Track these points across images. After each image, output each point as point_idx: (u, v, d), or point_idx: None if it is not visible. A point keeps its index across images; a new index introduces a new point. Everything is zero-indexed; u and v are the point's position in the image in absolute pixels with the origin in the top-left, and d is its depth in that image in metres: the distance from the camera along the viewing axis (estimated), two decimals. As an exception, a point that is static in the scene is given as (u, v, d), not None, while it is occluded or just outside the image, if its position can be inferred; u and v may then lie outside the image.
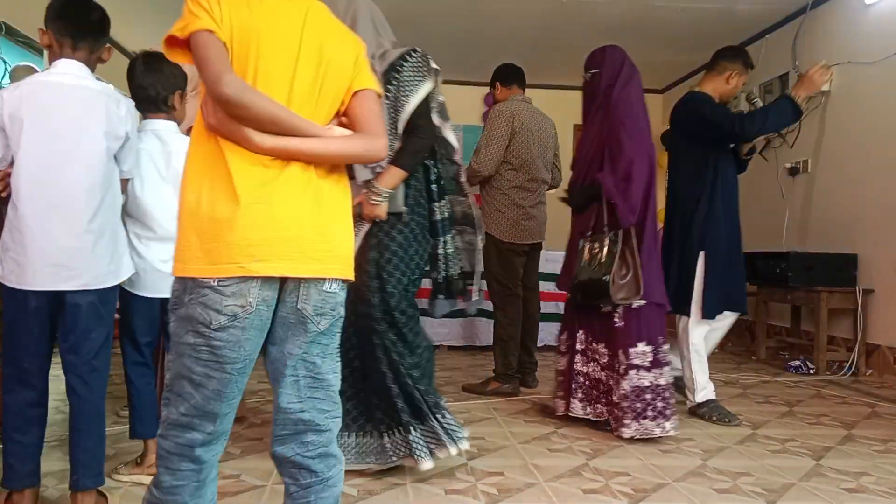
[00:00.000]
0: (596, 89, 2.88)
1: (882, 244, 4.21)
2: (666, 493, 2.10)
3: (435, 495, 2.04)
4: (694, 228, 3.05)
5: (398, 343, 2.17)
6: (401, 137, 2.11)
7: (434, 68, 2.16)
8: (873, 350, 4.30)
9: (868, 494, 2.15)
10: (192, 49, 1.13)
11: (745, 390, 3.74)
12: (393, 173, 2.09)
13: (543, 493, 2.08)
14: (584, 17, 5.42)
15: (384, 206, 2.10)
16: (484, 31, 5.73)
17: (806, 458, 2.51)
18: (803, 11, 5.03)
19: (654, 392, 2.64)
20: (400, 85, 2.09)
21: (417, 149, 2.12)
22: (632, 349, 2.65)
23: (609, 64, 2.85)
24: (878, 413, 3.27)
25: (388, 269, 2.15)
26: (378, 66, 2.07)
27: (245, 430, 2.67)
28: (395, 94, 2.09)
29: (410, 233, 2.19)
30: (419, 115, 2.12)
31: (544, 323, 4.92)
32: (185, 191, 1.16)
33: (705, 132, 3.06)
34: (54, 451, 2.31)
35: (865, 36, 4.48)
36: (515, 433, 2.74)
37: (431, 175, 2.27)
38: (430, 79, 2.14)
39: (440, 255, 2.31)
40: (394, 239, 2.16)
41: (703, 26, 5.57)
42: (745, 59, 3.19)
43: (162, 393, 1.22)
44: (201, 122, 1.18)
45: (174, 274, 1.17)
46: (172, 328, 1.18)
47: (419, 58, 2.13)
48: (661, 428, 2.63)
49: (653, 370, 2.65)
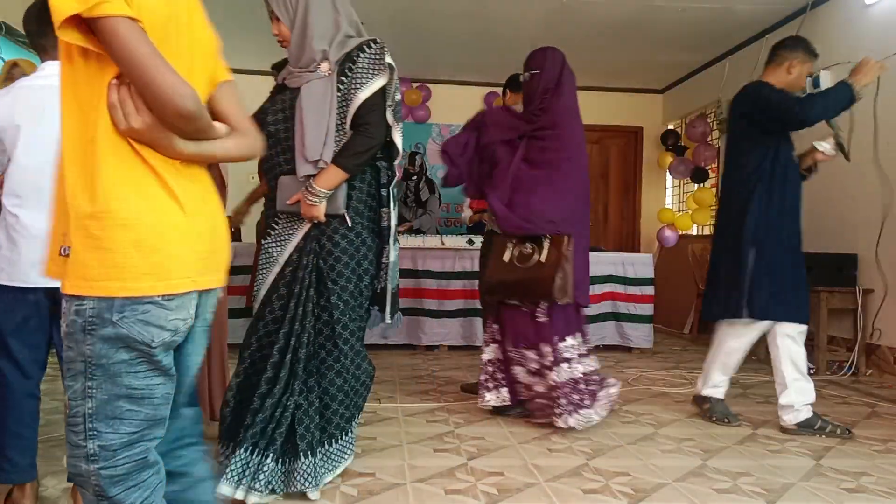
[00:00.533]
0: (533, 92, 2.87)
1: (882, 244, 4.21)
2: (666, 493, 2.10)
3: (435, 495, 2.04)
4: (747, 224, 2.83)
5: (328, 359, 2.00)
6: (348, 133, 1.98)
7: (390, 64, 2.00)
8: (873, 350, 4.30)
9: (868, 494, 2.15)
10: (109, 38, 0.95)
11: (745, 390, 3.74)
12: (332, 174, 1.94)
13: (543, 493, 2.08)
14: (584, 17, 5.42)
15: (321, 207, 1.96)
16: (484, 31, 5.73)
17: (806, 458, 2.51)
18: (803, 11, 5.03)
19: (587, 382, 2.80)
20: (353, 77, 1.96)
21: (360, 149, 1.96)
22: (561, 343, 2.77)
23: (549, 67, 2.85)
24: (878, 413, 3.27)
25: (331, 277, 1.99)
26: (333, 54, 1.97)
27: (245, 430, 2.67)
28: (348, 85, 1.96)
29: (357, 237, 2.04)
30: (369, 111, 1.97)
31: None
32: (108, 199, 1.00)
33: (768, 119, 2.85)
34: (54, 451, 2.31)
35: (865, 36, 4.47)
36: (515, 433, 2.74)
37: (383, 178, 2.10)
38: (384, 74, 1.98)
39: (383, 265, 2.12)
40: (337, 245, 2.01)
41: (703, 26, 5.57)
42: (807, 47, 2.99)
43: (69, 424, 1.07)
44: (91, 120, 1.02)
45: (99, 293, 1.01)
46: (90, 351, 1.03)
47: (376, 50, 1.98)
48: (598, 414, 2.79)
49: (582, 361, 2.82)
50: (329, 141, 1.94)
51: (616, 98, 7.60)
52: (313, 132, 1.93)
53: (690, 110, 7.06)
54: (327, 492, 2.03)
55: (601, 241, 7.54)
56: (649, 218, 7.59)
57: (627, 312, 5.03)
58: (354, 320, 2.06)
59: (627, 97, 7.62)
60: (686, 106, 7.15)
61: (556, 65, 2.86)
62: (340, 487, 2.07)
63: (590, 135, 7.63)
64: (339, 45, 1.99)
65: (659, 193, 7.77)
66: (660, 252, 6.89)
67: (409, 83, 7.12)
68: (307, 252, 2.03)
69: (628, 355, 4.90)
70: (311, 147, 1.91)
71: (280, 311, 2.03)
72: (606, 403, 2.84)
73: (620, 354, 4.92)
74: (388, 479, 2.15)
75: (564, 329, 2.79)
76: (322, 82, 1.96)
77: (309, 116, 1.94)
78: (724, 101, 6.11)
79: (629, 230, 7.78)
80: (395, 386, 3.59)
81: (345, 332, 2.02)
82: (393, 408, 3.09)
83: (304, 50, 1.97)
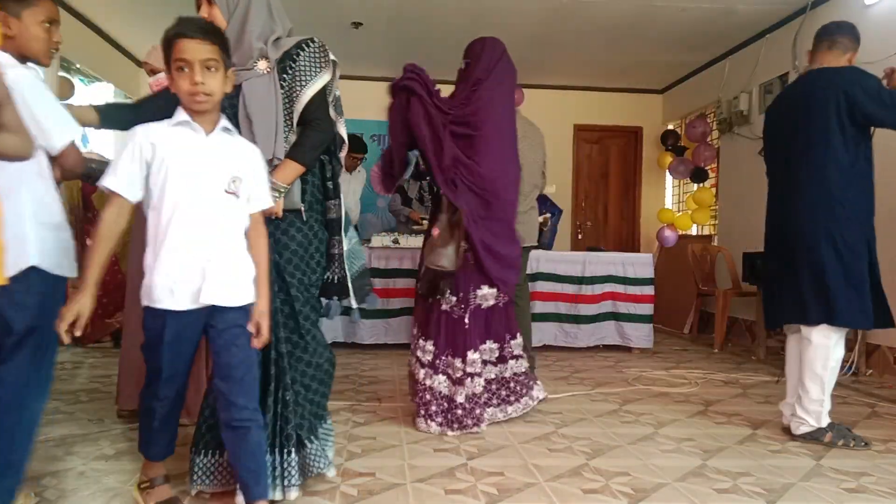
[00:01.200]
0: (466, 80, 2.82)
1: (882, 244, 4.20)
2: (666, 493, 2.10)
3: (435, 495, 2.04)
4: (820, 220, 2.64)
5: (297, 352, 2.03)
6: (296, 130, 2.00)
7: (333, 60, 2.03)
8: (873, 350, 4.30)
9: (868, 494, 2.15)
10: None
11: (745, 390, 3.74)
12: (290, 168, 1.95)
13: (543, 493, 2.08)
14: (584, 16, 5.42)
15: (280, 202, 1.96)
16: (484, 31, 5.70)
17: (806, 458, 2.51)
18: (803, 11, 5.03)
19: (499, 383, 2.87)
20: (295, 74, 1.97)
21: (316, 143, 2.00)
22: (482, 346, 2.79)
23: (486, 58, 2.81)
24: (878, 413, 3.27)
25: (289, 271, 2.01)
26: (271, 53, 1.97)
27: (245, 429, 2.67)
28: (290, 83, 1.97)
29: (310, 230, 2.07)
30: (317, 107, 2.00)
31: (544, 323, 4.93)
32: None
33: (874, 112, 2.60)
34: (55, 451, 2.31)
35: (865, 36, 4.45)
36: (515, 433, 2.74)
37: (327, 171, 2.13)
38: (328, 70, 2.01)
39: (335, 255, 2.16)
40: (293, 238, 2.03)
41: (703, 26, 5.57)
42: (859, 39, 2.83)
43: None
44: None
45: None
46: None
47: (317, 48, 2.01)
48: (503, 413, 2.87)
49: (499, 365, 2.87)
50: (279, 138, 1.95)
51: (616, 98, 7.60)
52: (262, 131, 1.93)
53: (690, 110, 7.07)
54: (327, 492, 2.03)
55: (601, 241, 7.55)
56: (649, 218, 7.60)
57: (627, 312, 5.03)
58: (313, 310, 2.09)
59: (627, 97, 7.62)
60: (686, 106, 7.16)
61: (493, 57, 2.80)
62: (340, 487, 2.07)
63: (590, 135, 7.70)
64: (275, 44, 1.99)
65: (659, 193, 7.77)
66: (660, 252, 6.89)
67: (408, 83, 7.12)
68: None
69: (628, 355, 4.90)
70: (262, 146, 1.90)
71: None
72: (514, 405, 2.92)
73: (620, 354, 4.92)
74: (388, 479, 2.15)
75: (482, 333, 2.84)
76: (263, 81, 1.95)
77: (256, 116, 1.93)
78: (724, 101, 6.13)
79: (629, 230, 7.79)
80: (395, 386, 3.59)
81: (307, 322, 2.04)
82: (393, 408, 3.09)
83: (242, 45, 1.95)
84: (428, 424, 2.70)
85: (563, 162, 7.56)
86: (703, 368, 4.39)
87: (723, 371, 4.31)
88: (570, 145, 7.65)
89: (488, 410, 2.82)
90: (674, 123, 7.55)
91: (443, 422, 2.70)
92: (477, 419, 2.71)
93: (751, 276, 5.05)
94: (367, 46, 6.27)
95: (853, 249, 2.63)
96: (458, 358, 2.70)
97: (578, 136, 7.66)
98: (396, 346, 4.74)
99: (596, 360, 4.68)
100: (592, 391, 3.60)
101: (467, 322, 2.72)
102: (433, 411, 2.71)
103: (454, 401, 2.70)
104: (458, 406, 2.69)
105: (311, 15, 5.50)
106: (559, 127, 7.54)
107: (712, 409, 3.24)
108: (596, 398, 3.44)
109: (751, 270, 5.04)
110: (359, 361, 4.33)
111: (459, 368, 2.70)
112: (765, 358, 4.86)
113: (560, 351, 4.95)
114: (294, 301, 2.02)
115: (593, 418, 3.02)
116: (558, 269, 4.99)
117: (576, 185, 7.64)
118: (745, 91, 5.83)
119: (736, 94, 5.93)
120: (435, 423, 2.70)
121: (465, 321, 2.72)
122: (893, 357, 4.16)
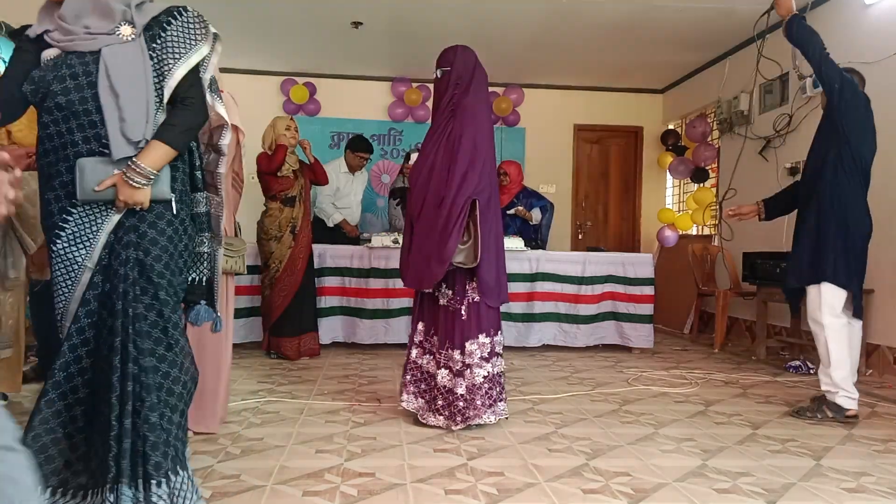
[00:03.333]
0: (444, 90, 2.84)
1: (882, 244, 4.21)
2: (666, 493, 2.10)
3: (435, 495, 2.04)
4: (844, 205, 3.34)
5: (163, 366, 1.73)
6: (165, 109, 1.76)
7: (214, 32, 1.81)
8: (873, 350, 4.30)
9: (868, 494, 2.15)
10: None
11: (745, 390, 3.74)
12: (160, 151, 1.68)
13: (543, 493, 2.08)
14: (584, 17, 5.42)
15: (147, 190, 1.69)
16: (484, 31, 5.73)
17: (806, 458, 2.51)
18: (803, 11, 5.02)
19: (490, 381, 2.79)
20: (165, 46, 1.73)
21: (190, 125, 1.76)
22: (473, 340, 2.79)
23: (459, 66, 2.81)
24: (878, 413, 3.27)
25: (157, 271, 1.73)
26: (137, 18, 1.73)
27: (245, 430, 2.67)
28: (160, 55, 1.73)
29: (181, 225, 1.81)
30: (190, 85, 1.76)
31: (544, 323, 4.93)
32: None
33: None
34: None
35: (865, 36, 4.48)
36: (515, 433, 2.74)
37: (196, 160, 1.90)
38: (206, 43, 1.78)
39: (203, 254, 1.94)
40: (163, 233, 1.75)
41: (703, 26, 5.57)
42: None
43: None
44: None
45: None
46: None
47: (191, 17, 1.78)
48: (495, 415, 2.80)
49: (490, 360, 2.81)
50: (150, 117, 1.70)
51: (616, 98, 7.60)
52: (132, 106, 1.67)
53: (690, 110, 7.07)
54: (327, 492, 2.03)
55: (601, 241, 7.55)
56: (649, 218, 7.59)
57: (627, 312, 5.03)
58: (180, 317, 1.84)
59: (627, 97, 7.62)
60: (686, 106, 7.15)
61: (468, 65, 2.82)
62: (340, 487, 2.07)
63: (590, 135, 7.70)
64: (139, 8, 1.75)
65: (659, 193, 7.77)
66: (660, 252, 6.89)
67: (408, 83, 7.12)
68: (124, 246, 1.72)
69: (628, 355, 4.90)
70: (133, 124, 1.67)
71: (104, 324, 1.74)
72: (502, 405, 2.89)
73: (620, 354, 4.92)
74: (388, 479, 2.15)
75: (477, 327, 2.85)
76: (129, 48, 1.70)
77: (123, 88, 1.67)
78: (724, 101, 6.13)
79: (629, 230, 7.79)
80: (395, 386, 3.59)
81: (176, 331, 1.78)
82: (393, 408, 3.09)
83: (99, 5, 1.70)
84: (409, 401, 2.86)
85: (563, 162, 7.57)
86: (703, 368, 4.39)
87: (723, 371, 4.31)
88: (570, 145, 7.65)
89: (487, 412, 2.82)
90: (674, 123, 7.55)
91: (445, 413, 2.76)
92: (478, 411, 2.74)
93: (750, 275, 5.05)
94: (367, 46, 6.26)
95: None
96: (457, 350, 2.73)
97: (579, 136, 7.66)
98: (396, 346, 4.74)
99: (596, 360, 4.68)
100: (592, 391, 3.60)
101: (464, 314, 2.75)
102: (421, 389, 2.86)
103: (454, 392, 2.72)
104: (459, 398, 2.71)
105: (311, 15, 5.50)
106: (559, 127, 7.55)
107: (712, 409, 3.25)
108: (596, 398, 3.44)
109: (750, 270, 5.04)
110: (359, 361, 4.33)
111: (458, 360, 2.72)
112: (765, 358, 4.86)
113: (560, 351, 4.95)
114: (163, 306, 1.74)
115: (593, 418, 3.02)
116: (558, 269, 4.99)
117: (576, 185, 7.64)
118: (745, 91, 5.82)
119: (736, 94, 5.94)
120: (409, 394, 2.86)
121: (462, 313, 2.75)
122: (893, 357, 4.16)
